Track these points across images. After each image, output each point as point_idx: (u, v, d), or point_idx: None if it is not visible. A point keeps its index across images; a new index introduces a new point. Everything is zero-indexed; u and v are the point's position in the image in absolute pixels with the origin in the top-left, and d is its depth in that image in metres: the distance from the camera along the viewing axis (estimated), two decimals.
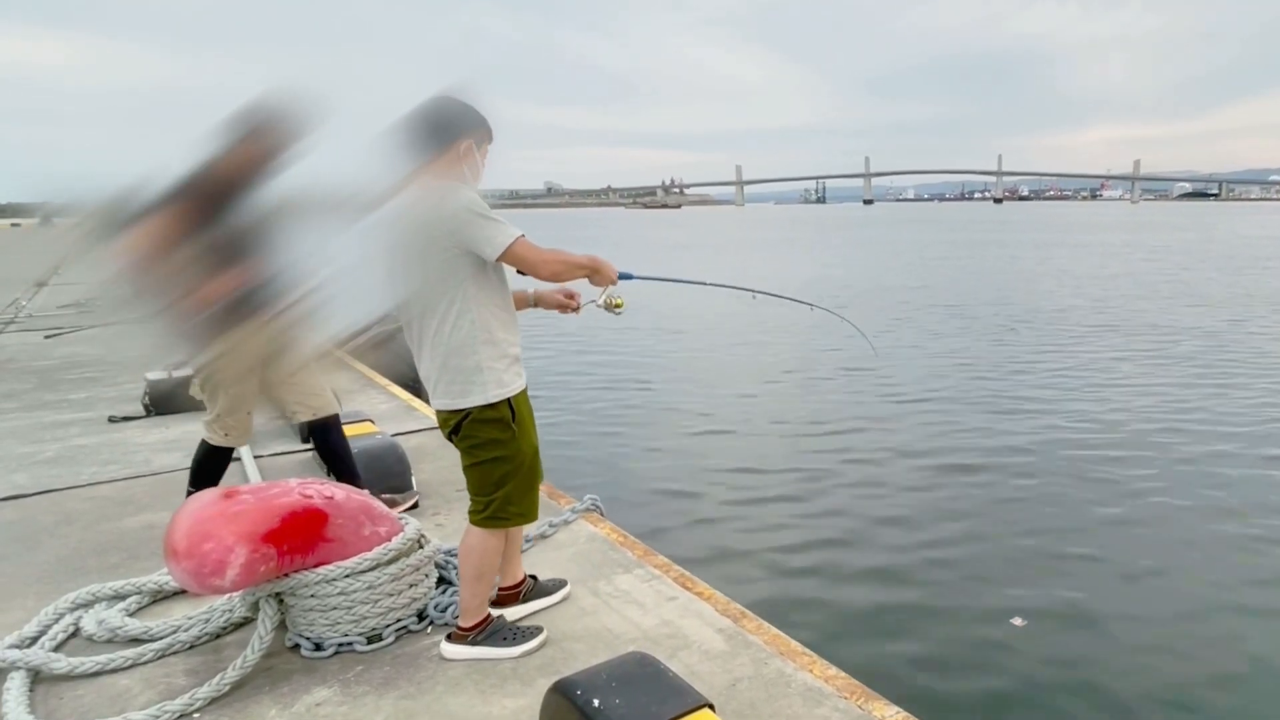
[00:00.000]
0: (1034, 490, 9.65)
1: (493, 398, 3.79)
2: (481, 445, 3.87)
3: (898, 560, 7.91)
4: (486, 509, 3.95)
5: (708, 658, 4.02)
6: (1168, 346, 18.38)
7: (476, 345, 3.73)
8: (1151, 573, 7.59)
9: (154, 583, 4.70)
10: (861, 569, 7.77)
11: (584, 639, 4.21)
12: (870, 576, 7.63)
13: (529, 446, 3.95)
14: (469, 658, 4.01)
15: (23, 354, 12.79)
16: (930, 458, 10.87)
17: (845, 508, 9.25)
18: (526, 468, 3.95)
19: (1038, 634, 6.58)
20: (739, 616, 4.40)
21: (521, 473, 3.94)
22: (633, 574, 4.91)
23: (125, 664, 3.99)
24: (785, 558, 8.03)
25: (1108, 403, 13.57)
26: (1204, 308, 24.51)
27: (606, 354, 18.31)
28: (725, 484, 10.11)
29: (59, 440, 8.00)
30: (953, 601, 7.16)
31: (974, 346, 18.98)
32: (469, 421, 3.83)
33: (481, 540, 3.99)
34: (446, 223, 3.59)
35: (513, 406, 3.84)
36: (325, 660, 4.04)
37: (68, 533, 5.72)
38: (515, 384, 3.87)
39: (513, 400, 3.84)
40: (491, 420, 3.81)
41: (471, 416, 3.81)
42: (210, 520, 3.78)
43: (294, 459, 7.29)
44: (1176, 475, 10.02)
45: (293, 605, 4.11)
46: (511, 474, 3.91)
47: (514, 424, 3.85)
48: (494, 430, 3.83)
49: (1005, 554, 8.00)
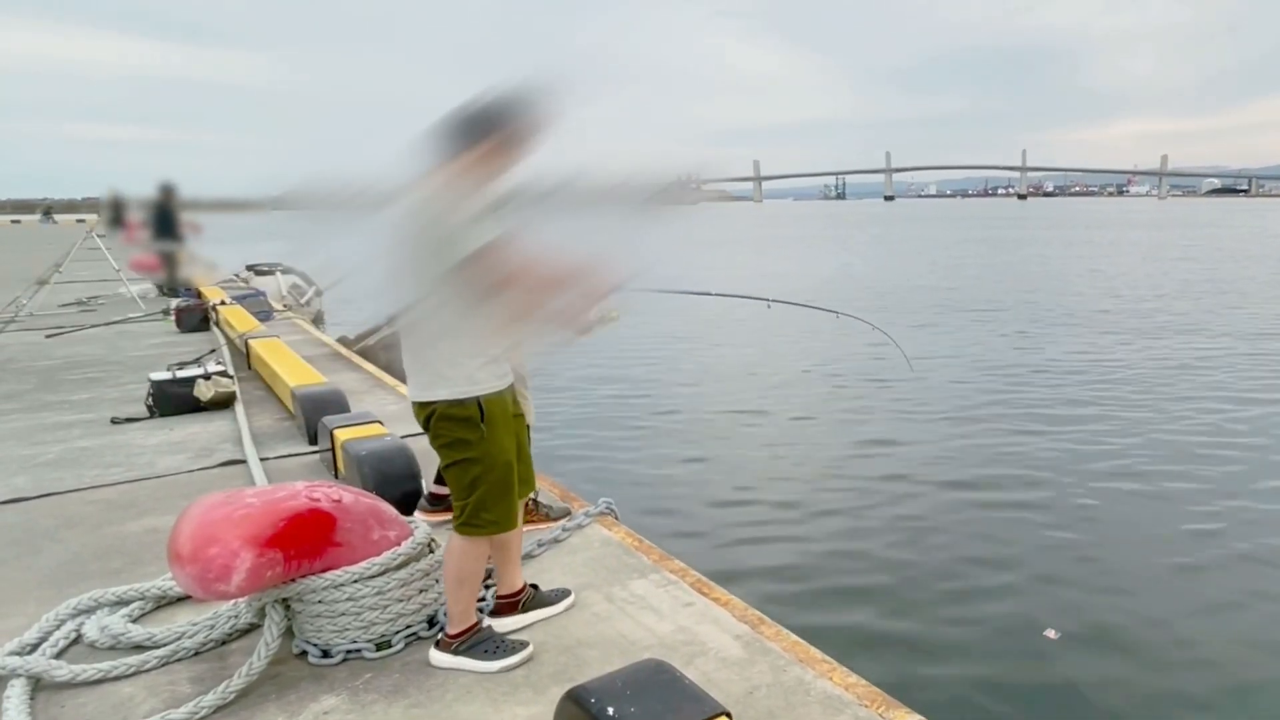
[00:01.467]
0: (1070, 501, 9.60)
1: (460, 394, 3.77)
2: (450, 445, 3.87)
3: (923, 569, 7.89)
4: (463, 513, 3.94)
5: (725, 665, 4.01)
6: (1210, 353, 18.13)
7: (453, 340, 3.75)
8: (1193, 586, 7.53)
9: (158, 588, 4.71)
10: (884, 577, 7.76)
11: (598, 645, 4.20)
12: (894, 584, 7.62)
13: (500, 452, 3.90)
14: (449, 667, 4.00)
15: (23, 354, 12.82)
16: (959, 465, 10.84)
17: (868, 514, 9.24)
18: (499, 474, 3.92)
19: (1072, 646, 6.55)
20: (757, 623, 4.39)
21: (493, 478, 3.90)
22: (648, 579, 4.90)
23: (128, 671, 4.00)
24: (805, 564, 8.03)
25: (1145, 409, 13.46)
26: (1242, 310, 24.35)
27: (622, 356, 18.31)
28: (744, 487, 10.11)
29: (60, 442, 8.02)
30: (982, 611, 7.14)
31: (1006, 350, 18.89)
32: (436, 418, 3.83)
33: (461, 545, 3.98)
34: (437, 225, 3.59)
35: (482, 406, 3.81)
36: (333, 668, 4.04)
37: (69, 537, 5.73)
38: (488, 383, 3.84)
39: (483, 400, 3.81)
40: (459, 418, 3.80)
41: (438, 412, 3.81)
42: (215, 524, 3.78)
43: (301, 461, 7.29)
44: (1223, 486, 9.93)
45: (300, 611, 4.10)
46: (482, 478, 3.89)
47: (483, 424, 3.82)
48: (461, 429, 3.82)
49: (1039, 565, 7.96)
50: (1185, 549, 8.26)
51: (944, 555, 8.16)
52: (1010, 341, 19.90)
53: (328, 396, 7.91)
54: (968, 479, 10.32)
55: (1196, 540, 8.44)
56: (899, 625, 6.97)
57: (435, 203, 3.62)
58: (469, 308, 3.65)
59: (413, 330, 3.82)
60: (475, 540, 3.98)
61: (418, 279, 3.68)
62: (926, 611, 7.16)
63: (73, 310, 17.64)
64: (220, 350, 11.86)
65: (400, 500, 5.49)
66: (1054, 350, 18.70)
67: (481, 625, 4.14)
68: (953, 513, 9.24)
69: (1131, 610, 7.11)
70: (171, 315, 15.11)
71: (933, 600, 7.34)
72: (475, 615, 4.14)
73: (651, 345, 19.67)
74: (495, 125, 3.76)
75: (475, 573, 4.04)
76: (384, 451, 6.09)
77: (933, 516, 9.11)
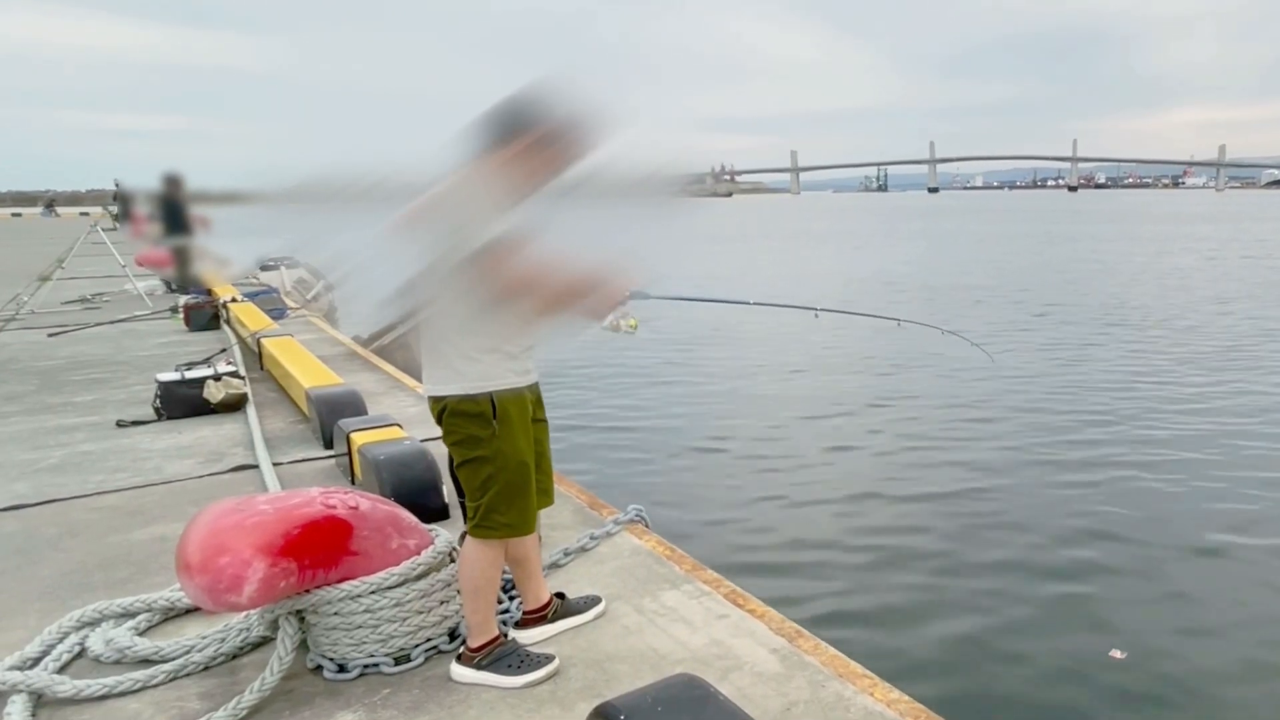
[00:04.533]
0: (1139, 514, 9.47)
1: (472, 389, 3.79)
2: (462, 442, 3.90)
3: (973, 580, 7.85)
4: (475, 515, 3.96)
5: (761, 680, 4.00)
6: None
7: (466, 335, 3.77)
8: (1272, 605, 7.44)
9: (165, 599, 4.73)
10: (932, 590, 7.72)
11: (628, 660, 4.19)
12: (942, 598, 7.58)
13: (514, 451, 3.91)
14: (472, 682, 4.00)
15: (25, 353, 12.91)
16: (1016, 475, 10.75)
17: (912, 524, 9.19)
18: (512, 474, 3.93)
19: (1140, 667, 6.48)
20: (794, 635, 4.37)
21: (505, 478, 3.91)
22: (680, 590, 4.89)
23: (134, 687, 4.01)
24: (846, 574, 8.00)
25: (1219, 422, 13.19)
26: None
27: (653, 358, 18.32)
28: (781, 494, 10.08)
29: (63, 446, 8.07)
30: (1040, 627, 7.08)
31: (1074, 356, 18.48)
32: (447, 414, 3.86)
33: (475, 551, 4.00)
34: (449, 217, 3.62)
35: (495, 402, 3.83)
36: (349, 683, 4.04)
37: (73, 546, 5.76)
38: (504, 380, 3.85)
39: (496, 396, 3.83)
40: (470, 414, 3.82)
41: (449, 408, 3.84)
42: (226, 532, 3.78)
43: (316, 466, 7.31)
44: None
45: (315, 624, 4.11)
46: (494, 478, 3.90)
47: (495, 421, 3.84)
48: (472, 426, 3.84)
49: (1105, 581, 7.87)
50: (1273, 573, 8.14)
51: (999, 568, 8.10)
52: (1080, 348, 19.44)
53: (344, 398, 7.92)
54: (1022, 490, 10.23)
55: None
56: (946, 640, 6.93)
57: (452, 195, 3.64)
58: (482, 304, 3.66)
59: (429, 325, 3.84)
60: (489, 544, 3.99)
61: (432, 273, 3.69)
62: (976, 626, 7.12)
63: (76, 308, 17.77)
64: (231, 350, 11.94)
65: (420, 507, 5.48)
66: (1133, 358, 18.23)
67: (505, 637, 4.15)
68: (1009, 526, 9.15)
69: (1209, 628, 7.03)
70: (180, 313, 15.18)
71: (984, 614, 7.29)
72: (497, 627, 4.14)
73: (686, 346, 19.64)
74: (526, 125, 3.77)
75: (491, 580, 4.05)
76: (403, 456, 6.09)
77: (988, 529, 9.03)
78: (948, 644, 6.87)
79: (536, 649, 4.18)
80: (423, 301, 3.81)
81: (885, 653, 6.46)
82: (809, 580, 7.91)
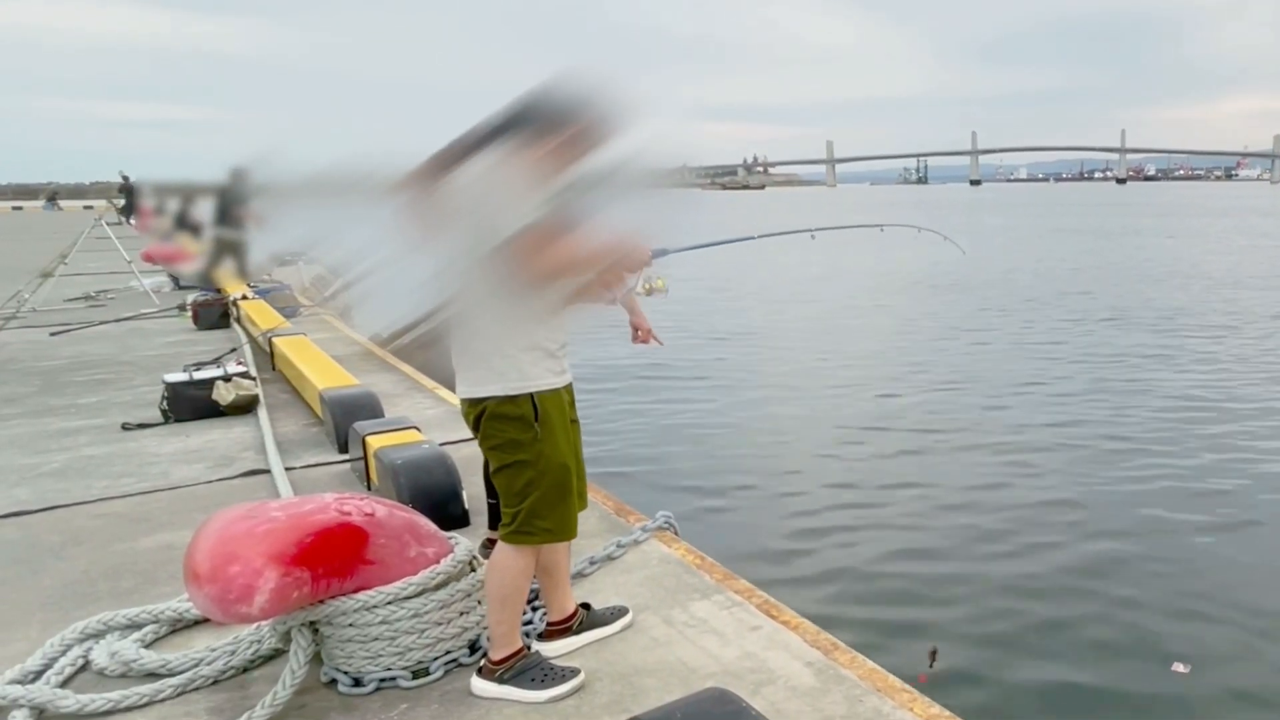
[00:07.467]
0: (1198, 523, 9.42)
1: (512, 389, 3.81)
2: (501, 446, 3.91)
3: (1023, 591, 7.80)
4: (513, 521, 3.96)
5: (795, 694, 3.99)
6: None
7: (502, 331, 3.78)
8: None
9: (173, 610, 4.73)
10: (977, 601, 7.68)
11: (656, 673, 4.19)
12: (987, 609, 7.54)
13: (556, 453, 3.94)
14: (494, 697, 4.00)
15: (26, 353, 12.96)
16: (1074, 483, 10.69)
17: (956, 532, 9.16)
18: (554, 477, 3.94)
19: (1204, 681, 6.44)
20: (830, 648, 4.35)
21: (547, 482, 3.93)
22: (711, 600, 4.88)
23: (141, 701, 4.02)
24: (885, 585, 7.97)
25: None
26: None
27: (679, 355, 18.28)
28: (816, 501, 10.06)
29: (66, 450, 8.10)
30: (1093, 637, 7.04)
31: (1140, 358, 18.24)
32: (486, 417, 3.88)
33: (507, 558, 4.00)
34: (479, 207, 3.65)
35: (536, 404, 3.85)
36: (365, 697, 4.04)
37: (76, 554, 5.78)
38: (543, 379, 3.88)
39: (537, 396, 3.86)
40: (511, 417, 3.84)
41: (488, 411, 3.86)
42: (236, 540, 3.79)
43: (330, 471, 7.33)
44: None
45: (329, 635, 4.11)
46: (536, 482, 3.91)
47: (536, 423, 3.85)
48: (513, 429, 3.86)
49: (1167, 591, 7.82)
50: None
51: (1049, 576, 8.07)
52: (1153, 349, 19.16)
53: (359, 400, 7.91)
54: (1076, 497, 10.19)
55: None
56: (989, 652, 6.90)
57: (482, 186, 3.65)
58: (516, 296, 3.67)
59: (461, 323, 3.85)
60: (523, 551, 3.99)
61: (461, 266, 3.70)
62: (1024, 637, 7.09)
63: (80, 305, 17.82)
64: (241, 349, 11.96)
65: (439, 513, 5.48)
66: (1208, 359, 18.08)
67: (528, 650, 4.14)
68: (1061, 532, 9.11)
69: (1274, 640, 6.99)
70: (188, 311, 15.20)
71: (1032, 624, 7.27)
72: (521, 639, 4.14)
73: (714, 344, 19.64)
74: (562, 121, 3.80)
75: (520, 589, 4.05)
76: (421, 460, 6.09)
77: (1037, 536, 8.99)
78: (989, 656, 6.85)
79: (561, 662, 4.18)
80: (452, 294, 3.83)
81: (926, 666, 6.44)
82: (846, 590, 7.89)
